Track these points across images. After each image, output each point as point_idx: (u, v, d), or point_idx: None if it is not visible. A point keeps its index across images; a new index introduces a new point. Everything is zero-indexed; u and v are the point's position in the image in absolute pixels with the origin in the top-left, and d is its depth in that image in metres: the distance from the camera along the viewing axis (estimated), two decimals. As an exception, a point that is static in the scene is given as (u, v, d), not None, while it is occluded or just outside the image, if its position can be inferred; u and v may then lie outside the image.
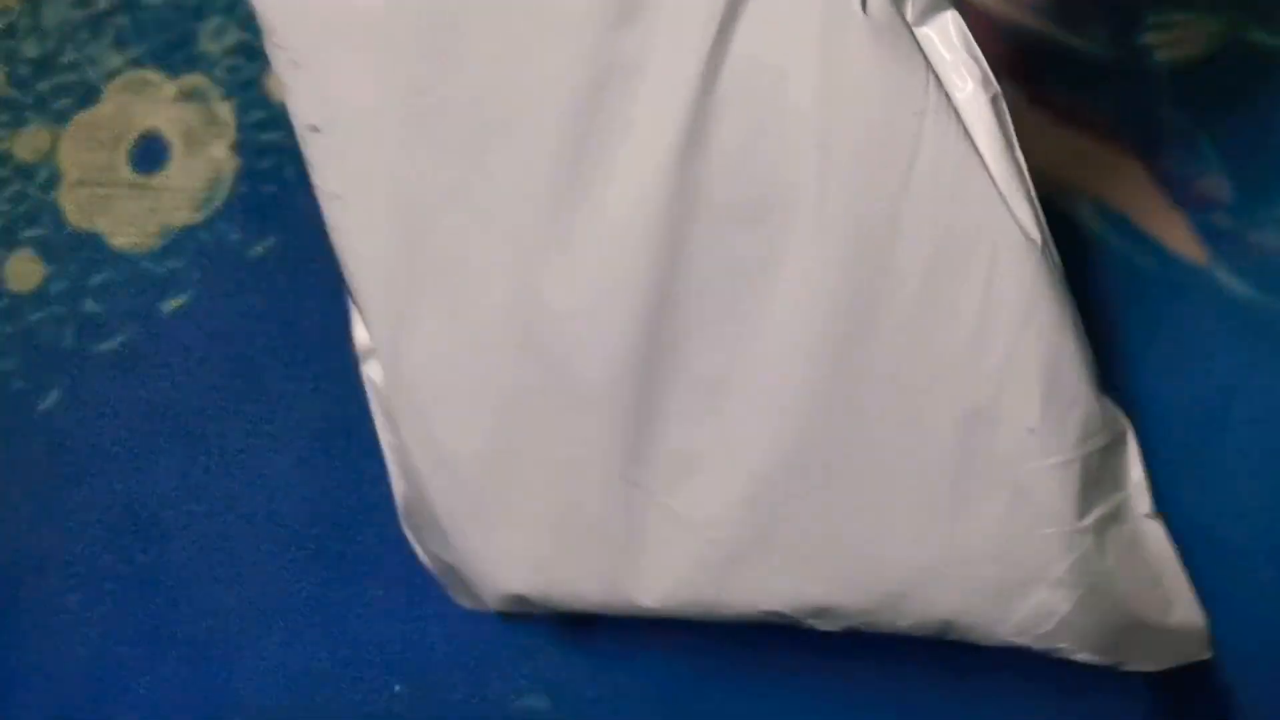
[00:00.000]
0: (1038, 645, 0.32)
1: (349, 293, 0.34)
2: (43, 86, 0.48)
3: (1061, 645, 0.32)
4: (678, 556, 0.32)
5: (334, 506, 0.42)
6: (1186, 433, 0.40)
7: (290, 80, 0.31)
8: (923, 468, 0.30)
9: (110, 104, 0.48)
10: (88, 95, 0.48)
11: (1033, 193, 0.30)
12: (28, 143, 0.47)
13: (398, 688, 0.41)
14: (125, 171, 0.47)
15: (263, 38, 0.31)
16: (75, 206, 0.47)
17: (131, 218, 0.46)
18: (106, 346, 0.45)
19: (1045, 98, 0.45)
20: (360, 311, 0.34)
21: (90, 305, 0.45)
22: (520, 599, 0.34)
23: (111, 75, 0.48)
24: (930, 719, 0.39)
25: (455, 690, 0.40)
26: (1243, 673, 0.37)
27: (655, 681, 0.40)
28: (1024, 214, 0.29)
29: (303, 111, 0.32)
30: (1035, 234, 0.29)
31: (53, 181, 0.47)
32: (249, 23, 0.48)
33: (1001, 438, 0.29)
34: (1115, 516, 0.31)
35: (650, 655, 0.40)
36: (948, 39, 0.29)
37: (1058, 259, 0.30)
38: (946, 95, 0.29)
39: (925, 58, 0.28)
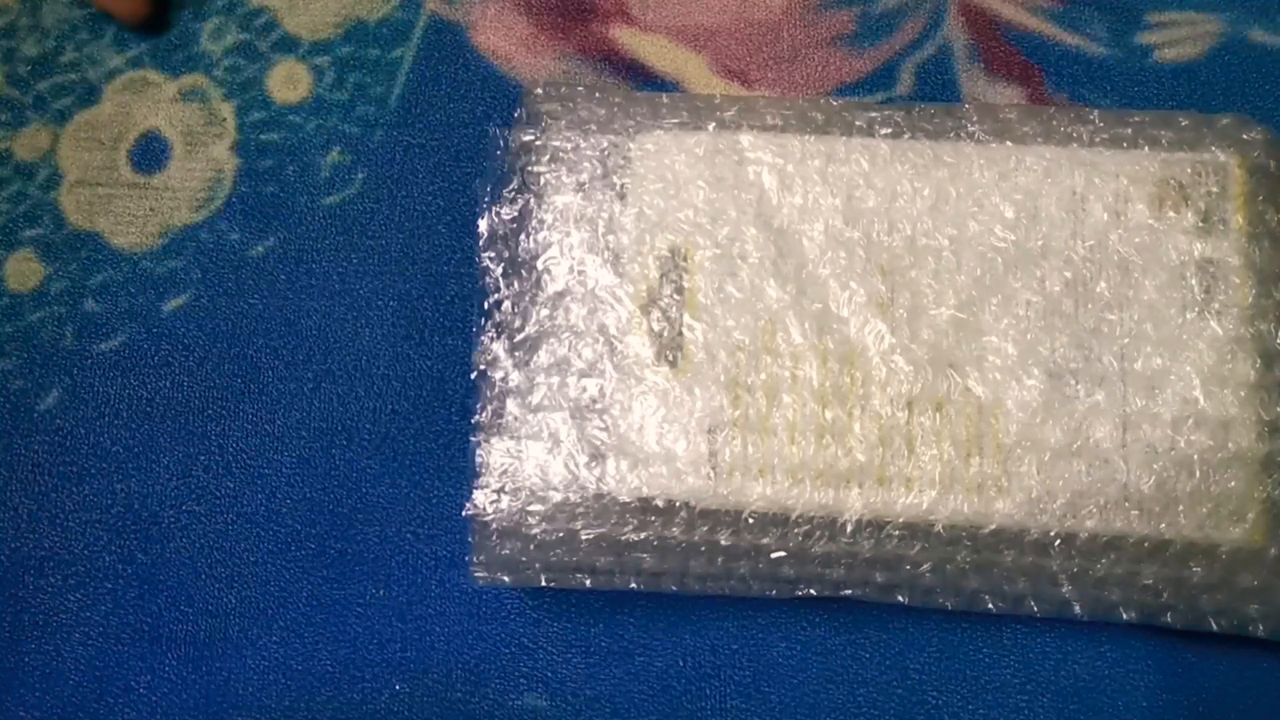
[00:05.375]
0: None
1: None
2: (42, 86, 0.48)
3: None
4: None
5: (334, 506, 0.42)
6: None
7: None
8: None
9: (110, 104, 0.48)
10: (88, 95, 0.48)
11: None
12: (28, 142, 0.47)
13: (398, 687, 0.41)
14: (125, 171, 0.47)
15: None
16: (75, 206, 0.47)
17: (131, 218, 0.46)
18: (106, 346, 0.45)
19: (1045, 98, 0.45)
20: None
21: (90, 305, 0.45)
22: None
23: (111, 75, 0.48)
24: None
25: (455, 690, 0.40)
26: None
27: (655, 681, 0.40)
28: None
29: None
30: None
31: (53, 181, 0.47)
32: (249, 23, 0.48)
33: None
34: None
35: (650, 655, 0.40)
36: None
37: None
38: None
39: None
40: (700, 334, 0.38)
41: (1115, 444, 0.36)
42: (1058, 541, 0.36)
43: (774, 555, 0.37)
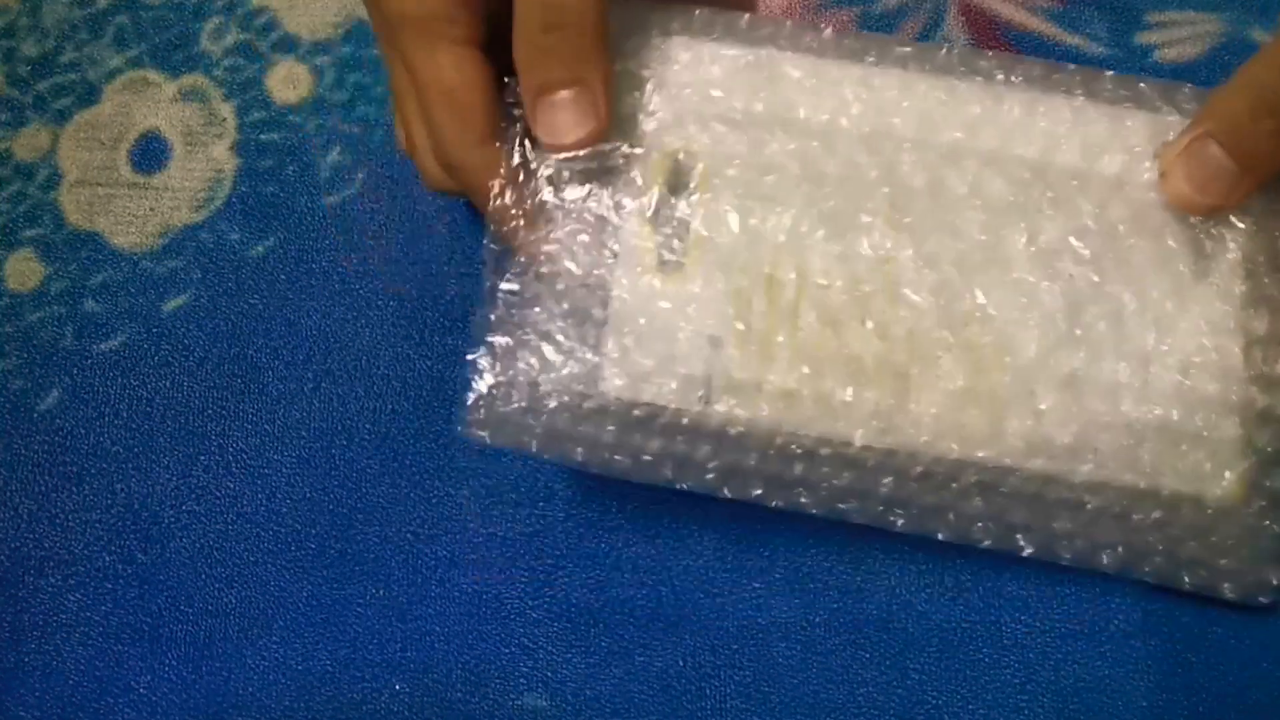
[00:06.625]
0: None
1: None
2: (42, 86, 0.48)
3: None
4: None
5: (334, 506, 0.42)
6: None
7: None
8: None
9: (110, 104, 0.48)
10: (88, 95, 0.48)
11: None
12: (28, 142, 0.47)
13: (398, 687, 0.41)
14: (125, 171, 0.47)
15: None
16: (75, 206, 0.47)
17: (131, 218, 0.46)
18: (106, 346, 0.45)
19: (1045, 98, 0.45)
20: None
21: (90, 305, 0.45)
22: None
23: (111, 75, 0.48)
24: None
25: (455, 690, 0.40)
26: None
27: (655, 681, 0.40)
28: None
29: None
30: None
31: (53, 181, 0.47)
32: (249, 22, 0.48)
33: None
34: None
35: (650, 655, 0.40)
36: None
37: None
38: None
39: None
40: (709, 246, 0.37)
41: (1124, 381, 0.36)
42: (1062, 470, 0.36)
43: (782, 453, 0.36)
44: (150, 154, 0.47)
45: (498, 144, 0.37)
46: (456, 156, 0.37)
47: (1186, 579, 0.37)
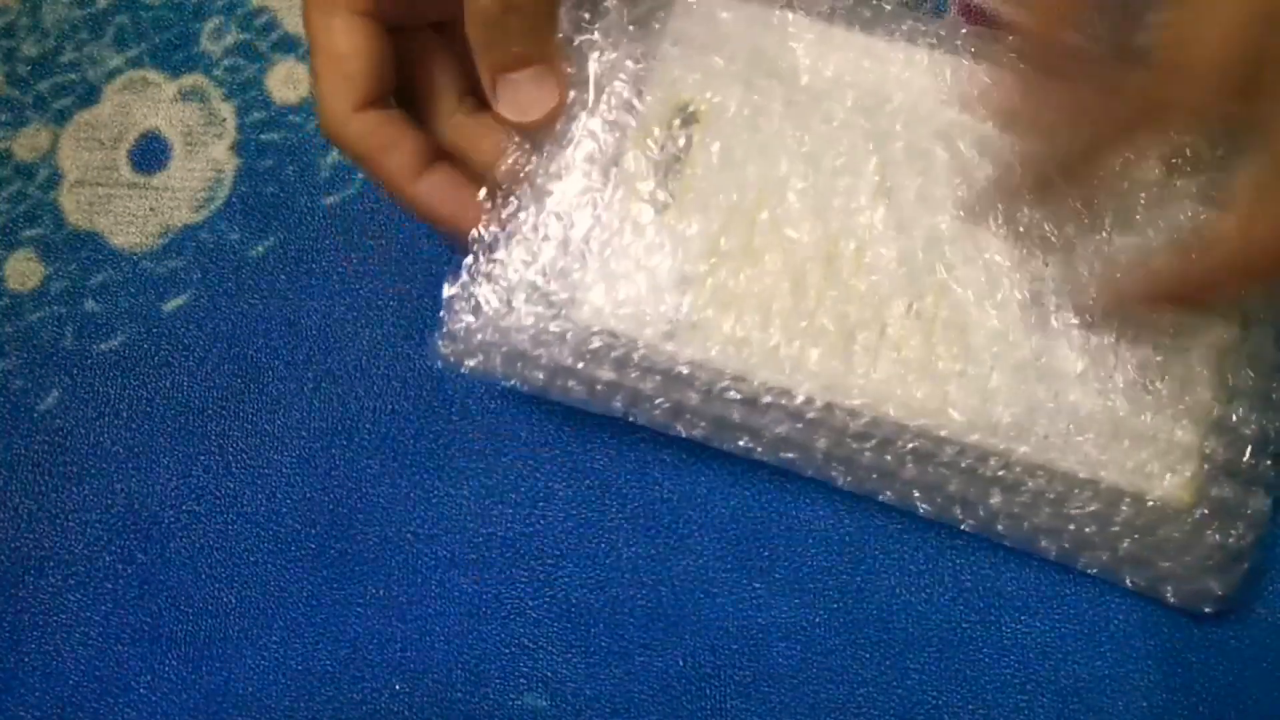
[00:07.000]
0: None
1: None
2: (42, 86, 0.48)
3: None
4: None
5: (334, 506, 0.42)
6: None
7: None
8: None
9: (110, 104, 0.48)
10: (88, 95, 0.48)
11: None
12: (27, 142, 0.47)
13: (398, 687, 0.41)
14: (125, 171, 0.47)
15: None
16: (75, 206, 0.47)
17: (131, 218, 0.46)
18: (106, 346, 0.45)
19: (1045, 98, 0.45)
20: None
21: (90, 305, 0.45)
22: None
23: (111, 75, 0.48)
24: None
25: (455, 690, 0.40)
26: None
27: (655, 681, 0.40)
28: None
29: None
30: None
31: (53, 181, 0.47)
32: (249, 23, 0.48)
33: None
34: None
35: (650, 655, 0.40)
36: None
37: None
38: None
39: None
40: (697, 187, 0.38)
41: (1077, 372, 0.37)
42: (1000, 448, 0.36)
43: (727, 396, 0.37)
44: (150, 154, 0.47)
45: (379, 117, 0.37)
46: (333, 125, 0.37)
47: (1129, 579, 0.37)
